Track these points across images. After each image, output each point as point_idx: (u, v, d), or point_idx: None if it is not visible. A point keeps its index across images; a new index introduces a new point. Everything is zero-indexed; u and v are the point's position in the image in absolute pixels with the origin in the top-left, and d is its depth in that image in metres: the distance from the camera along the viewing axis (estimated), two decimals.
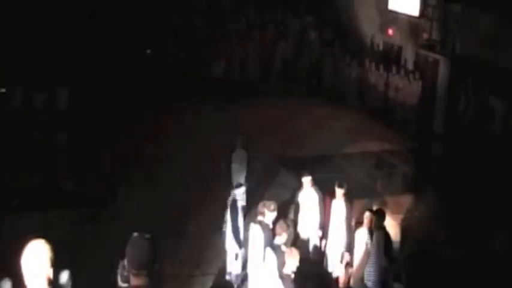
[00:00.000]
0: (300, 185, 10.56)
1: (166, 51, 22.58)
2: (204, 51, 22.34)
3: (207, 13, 23.90)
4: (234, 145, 12.07)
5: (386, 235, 9.14)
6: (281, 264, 8.27)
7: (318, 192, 10.35)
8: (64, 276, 3.88)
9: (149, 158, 16.04)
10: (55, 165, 15.07)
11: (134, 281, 3.71)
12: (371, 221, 9.22)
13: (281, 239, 8.51)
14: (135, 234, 3.76)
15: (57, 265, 3.75)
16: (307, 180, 10.34)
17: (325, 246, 10.38)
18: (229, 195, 11.24)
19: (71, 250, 10.20)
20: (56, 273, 3.76)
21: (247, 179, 11.71)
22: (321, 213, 10.35)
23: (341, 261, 10.02)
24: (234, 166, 11.90)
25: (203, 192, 13.59)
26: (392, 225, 10.08)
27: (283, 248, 8.44)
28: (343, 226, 9.99)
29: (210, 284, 9.72)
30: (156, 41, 22.71)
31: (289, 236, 8.90)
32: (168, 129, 18.43)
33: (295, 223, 10.38)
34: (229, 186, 11.57)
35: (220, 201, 11.59)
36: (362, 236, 9.38)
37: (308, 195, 10.38)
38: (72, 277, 3.92)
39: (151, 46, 22.48)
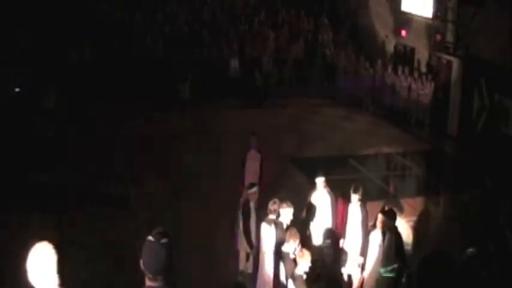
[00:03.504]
0: (313, 186, 10.52)
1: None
2: (219, 51, 22.36)
3: (221, 13, 23.93)
4: (247, 145, 12.08)
5: (398, 236, 9.09)
6: (292, 267, 8.28)
7: (330, 194, 10.31)
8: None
9: (168, 158, 16.12)
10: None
11: (149, 283, 3.62)
12: (384, 224, 9.19)
13: (289, 246, 8.54)
14: (151, 238, 3.58)
15: (63, 265, 3.70)
16: (320, 181, 10.31)
17: (340, 247, 10.35)
18: (241, 195, 11.29)
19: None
20: (62, 274, 3.71)
21: (260, 179, 11.70)
22: (333, 215, 10.31)
23: (358, 266, 10.00)
24: (248, 166, 11.90)
25: (218, 192, 13.62)
26: (405, 228, 10.05)
27: (291, 255, 8.46)
28: (359, 231, 9.95)
29: (222, 284, 9.72)
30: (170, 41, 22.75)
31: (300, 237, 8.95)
32: (185, 129, 18.51)
33: (307, 224, 10.36)
34: (242, 187, 11.62)
35: (233, 201, 11.62)
36: (376, 238, 9.35)
37: (321, 197, 10.35)
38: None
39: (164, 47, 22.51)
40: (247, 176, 11.76)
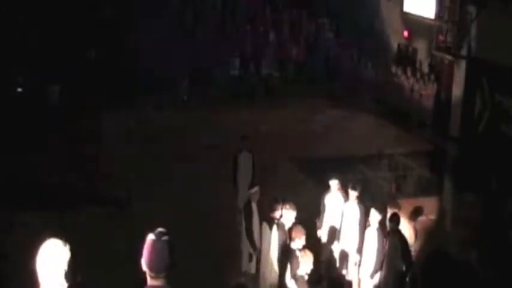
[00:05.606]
0: (327, 188, 10.46)
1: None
2: (219, 50, 22.31)
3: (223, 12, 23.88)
4: (239, 147, 12.09)
5: (402, 239, 9.06)
6: (295, 266, 8.26)
7: (344, 197, 10.25)
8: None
9: (165, 157, 16.07)
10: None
11: (151, 282, 3.59)
12: (380, 222, 9.19)
13: (296, 244, 8.50)
14: (152, 235, 3.53)
15: (74, 266, 3.63)
16: (334, 183, 10.28)
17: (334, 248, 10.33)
18: (237, 197, 11.30)
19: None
20: (71, 274, 3.64)
21: (253, 181, 11.67)
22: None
23: (355, 264, 9.97)
24: (240, 168, 11.91)
25: (217, 193, 13.58)
26: (407, 229, 10.03)
27: (298, 253, 8.43)
28: (356, 229, 9.91)
29: (225, 284, 9.70)
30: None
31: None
32: (183, 127, 18.46)
33: (319, 225, 10.35)
34: (236, 188, 11.63)
35: (233, 202, 11.60)
36: (371, 236, 9.33)
37: (334, 199, 10.32)
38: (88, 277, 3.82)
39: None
40: (240, 178, 11.76)
